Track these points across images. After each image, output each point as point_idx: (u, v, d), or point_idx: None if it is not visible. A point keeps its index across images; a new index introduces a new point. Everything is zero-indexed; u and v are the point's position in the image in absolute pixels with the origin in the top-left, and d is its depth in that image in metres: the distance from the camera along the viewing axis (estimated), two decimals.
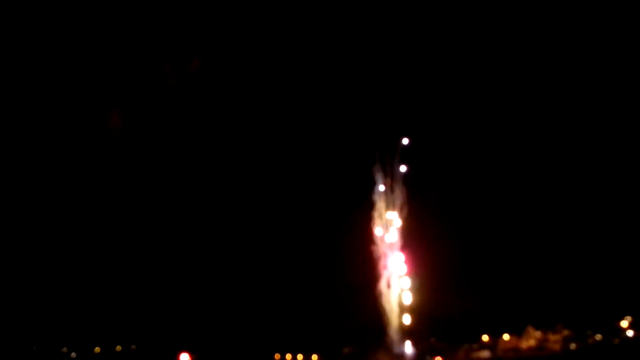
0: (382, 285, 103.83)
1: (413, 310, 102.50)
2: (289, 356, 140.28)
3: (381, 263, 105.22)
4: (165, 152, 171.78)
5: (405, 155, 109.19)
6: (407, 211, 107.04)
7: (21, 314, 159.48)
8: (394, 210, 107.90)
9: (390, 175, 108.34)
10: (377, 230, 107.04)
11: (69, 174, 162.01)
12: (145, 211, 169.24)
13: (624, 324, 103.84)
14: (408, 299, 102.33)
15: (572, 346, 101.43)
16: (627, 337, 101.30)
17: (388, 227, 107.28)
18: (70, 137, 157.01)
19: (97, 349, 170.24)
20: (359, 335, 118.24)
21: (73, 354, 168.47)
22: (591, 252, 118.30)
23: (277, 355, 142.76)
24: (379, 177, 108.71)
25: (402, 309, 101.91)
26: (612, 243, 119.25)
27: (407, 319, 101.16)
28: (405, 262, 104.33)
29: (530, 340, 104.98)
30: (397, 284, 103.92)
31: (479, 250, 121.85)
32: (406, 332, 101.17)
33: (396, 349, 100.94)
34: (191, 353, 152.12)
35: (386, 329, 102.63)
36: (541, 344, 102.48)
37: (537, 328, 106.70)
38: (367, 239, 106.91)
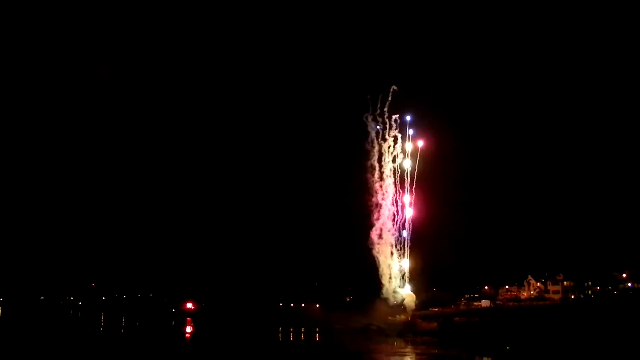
0: (374, 235, 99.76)
1: (415, 261, 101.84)
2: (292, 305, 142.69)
3: (374, 213, 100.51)
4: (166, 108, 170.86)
5: (397, 102, 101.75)
6: (404, 161, 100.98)
7: (30, 265, 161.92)
8: (388, 159, 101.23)
9: (383, 123, 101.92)
10: (372, 180, 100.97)
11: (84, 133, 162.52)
12: (153, 168, 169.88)
13: (624, 275, 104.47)
14: (408, 250, 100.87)
15: (572, 296, 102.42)
16: (627, 288, 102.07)
17: (383, 177, 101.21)
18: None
19: (103, 298, 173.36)
20: (360, 284, 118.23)
21: (80, 303, 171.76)
22: (592, 204, 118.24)
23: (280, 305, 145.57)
24: (371, 125, 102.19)
25: (403, 259, 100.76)
26: (613, 195, 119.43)
27: (406, 268, 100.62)
28: (404, 212, 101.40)
29: (531, 290, 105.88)
30: (396, 234, 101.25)
31: (480, 201, 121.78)
32: (406, 282, 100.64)
33: (396, 298, 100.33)
34: (196, 301, 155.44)
35: (381, 279, 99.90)
36: (541, 294, 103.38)
37: (537, 279, 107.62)
38: (361, 189, 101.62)
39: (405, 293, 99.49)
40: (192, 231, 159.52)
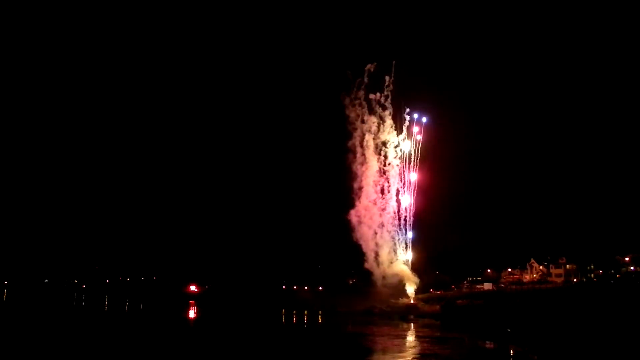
0: (354, 219, 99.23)
1: (415, 244, 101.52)
2: (295, 288, 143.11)
3: (357, 195, 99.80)
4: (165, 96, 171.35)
5: (377, 82, 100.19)
6: (391, 142, 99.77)
7: (34, 249, 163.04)
8: (373, 140, 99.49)
9: (360, 105, 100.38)
10: (354, 163, 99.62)
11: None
12: (157, 152, 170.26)
13: (626, 259, 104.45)
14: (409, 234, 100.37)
15: (574, 280, 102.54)
16: (629, 272, 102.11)
17: (367, 159, 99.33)
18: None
19: (107, 281, 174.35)
20: (362, 267, 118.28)
21: (84, 286, 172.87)
22: (595, 188, 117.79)
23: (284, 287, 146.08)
24: (349, 104, 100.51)
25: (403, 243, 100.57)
26: (616, 179, 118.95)
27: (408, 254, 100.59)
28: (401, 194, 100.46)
29: (533, 273, 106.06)
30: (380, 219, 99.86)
31: (483, 184, 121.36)
32: (407, 265, 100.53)
33: (385, 283, 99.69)
34: (199, 284, 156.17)
35: (364, 264, 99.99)
36: (544, 278, 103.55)
37: (540, 262, 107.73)
38: (342, 172, 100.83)
39: (401, 270, 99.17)
40: (196, 215, 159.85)
